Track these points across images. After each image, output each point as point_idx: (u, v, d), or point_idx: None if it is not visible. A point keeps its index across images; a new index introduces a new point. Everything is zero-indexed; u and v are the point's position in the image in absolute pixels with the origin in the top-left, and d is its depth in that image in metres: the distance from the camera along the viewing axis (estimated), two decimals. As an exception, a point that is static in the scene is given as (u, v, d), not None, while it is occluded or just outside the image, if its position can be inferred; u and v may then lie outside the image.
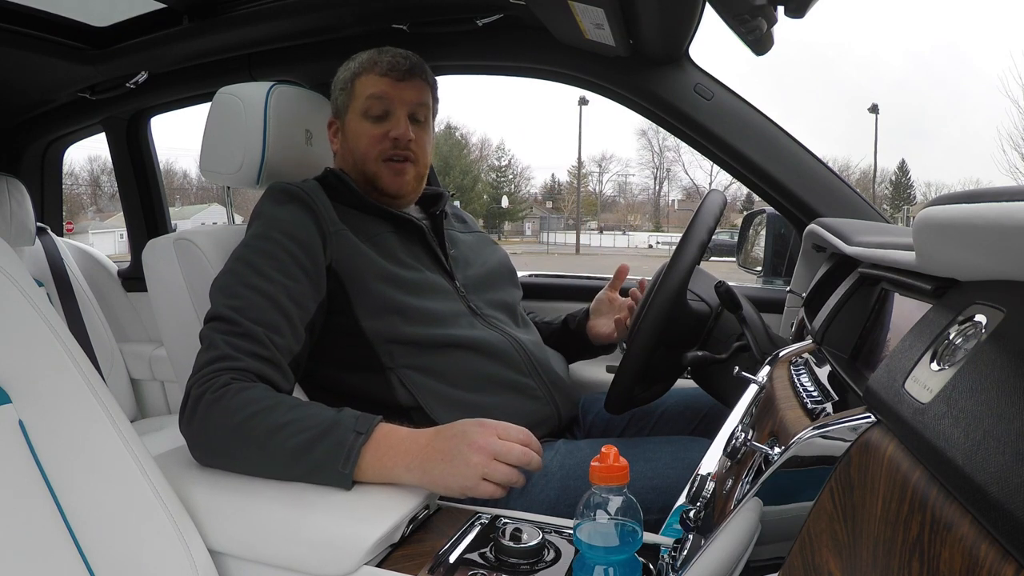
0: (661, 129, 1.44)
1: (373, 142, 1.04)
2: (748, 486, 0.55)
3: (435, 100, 1.11)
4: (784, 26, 0.86)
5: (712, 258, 2.04)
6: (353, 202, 1.02)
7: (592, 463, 0.60)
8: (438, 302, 0.99)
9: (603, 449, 0.60)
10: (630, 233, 39.66)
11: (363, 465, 0.72)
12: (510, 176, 41.25)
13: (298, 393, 0.95)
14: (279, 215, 0.95)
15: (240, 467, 0.76)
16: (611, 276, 1.25)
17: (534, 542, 0.66)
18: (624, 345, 1.09)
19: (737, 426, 0.70)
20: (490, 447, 0.70)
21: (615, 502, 0.60)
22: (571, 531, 0.72)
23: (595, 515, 0.60)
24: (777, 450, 0.53)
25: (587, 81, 1.37)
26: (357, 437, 0.72)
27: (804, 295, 1.08)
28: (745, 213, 1.76)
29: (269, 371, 0.82)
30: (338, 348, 0.95)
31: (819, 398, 0.61)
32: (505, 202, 38.28)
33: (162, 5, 1.38)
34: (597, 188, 45.27)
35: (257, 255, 0.90)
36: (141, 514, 0.66)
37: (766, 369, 0.77)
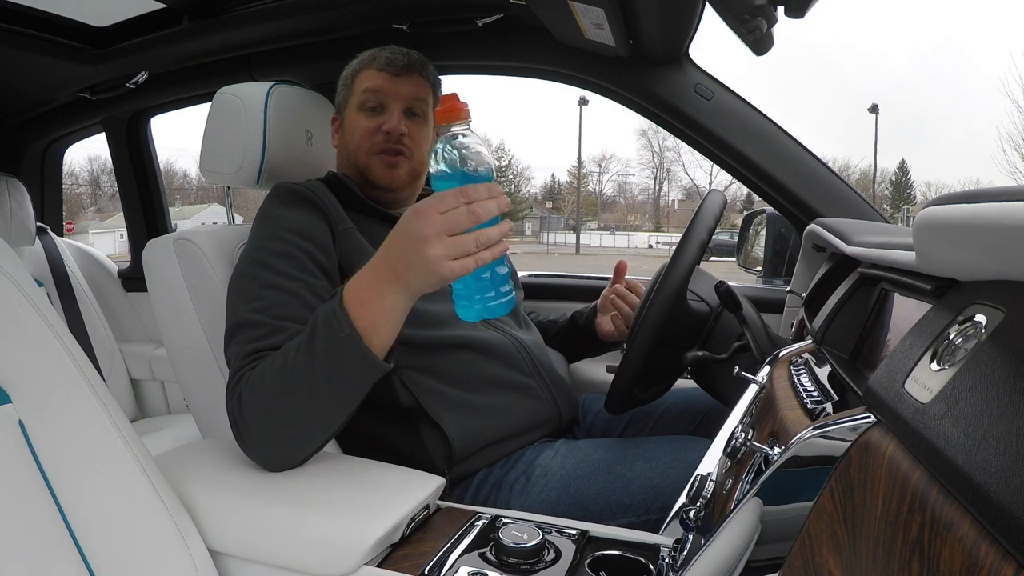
0: (661, 129, 1.44)
1: (366, 135, 1.04)
2: (748, 486, 0.55)
3: (437, 99, 1.11)
4: (784, 26, 0.86)
5: (712, 258, 2.04)
6: (355, 205, 1.02)
7: (436, 111, 0.66)
8: (440, 304, 0.98)
9: (442, 96, 0.66)
10: (619, 233, 39.60)
11: (360, 322, 0.69)
12: (510, 176, 41.26)
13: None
14: (289, 215, 0.94)
15: (291, 421, 0.74)
16: (611, 276, 1.25)
17: (534, 542, 0.66)
18: (624, 345, 1.10)
19: (737, 426, 0.70)
20: (434, 228, 0.64)
21: (466, 141, 0.64)
22: (571, 531, 0.72)
23: (452, 157, 0.64)
24: (777, 450, 0.53)
25: (587, 81, 1.37)
26: (331, 301, 0.71)
27: (804, 295, 1.08)
28: (745, 213, 1.76)
29: None
30: None
31: (819, 398, 0.61)
32: (505, 202, 38.18)
33: (162, 5, 1.38)
34: (597, 188, 45.31)
35: (273, 256, 0.88)
36: (141, 514, 0.66)
37: (766, 369, 0.77)
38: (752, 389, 0.74)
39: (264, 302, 0.83)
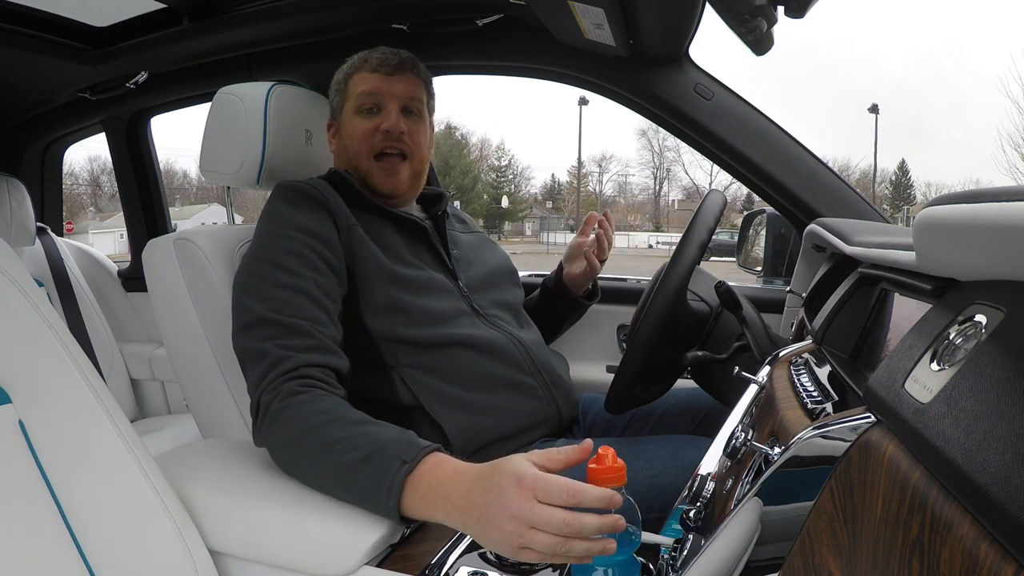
0: (661, 129, 1.44)
1: (365, 136, 1.03)
2: (748, 486, 0.55)
3: (430, 96, 1.10)
4: (784, 26, 0.86)
5: (712, 258, 2.03)
6: (358, 202, 1.02)
7: (589, 464, 0.60)
8: (441, 301, 0.99)
9: (600, 451, 0.60)
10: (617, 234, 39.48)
11: (407, 502, 0.66)
12: (510, 176, 41.21)
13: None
14: (295, 213, 0.94)
15: (304, 480, 0.75)
16: (612, 276, 1.26)
17: (534, 542, 0.65)
18: (624, 345, 1.10)
19: (737, 426, 0.70)
20: (524, 515, 0.57)
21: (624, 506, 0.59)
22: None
23: None
24: (777, 450, 0.53)
25: (587, 81, 1.37)
26: (401, 467, 0.66)
27: (804, 295, 1.09)
28: (745, 213, 1.76)
29: (326, 358, 0.82)
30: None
31: (819, 398, 0.61)
32: (505, 202, 38.23)
33: (162, 5, 1.38)
34: (597, 188, 45.27)
35: (281, 254, 0.89)
36: (141, 514, 0.66)
37: (766, 369, 0.77)
38: (752, 389, 0.74)
39: (276, 302, 0.84)
